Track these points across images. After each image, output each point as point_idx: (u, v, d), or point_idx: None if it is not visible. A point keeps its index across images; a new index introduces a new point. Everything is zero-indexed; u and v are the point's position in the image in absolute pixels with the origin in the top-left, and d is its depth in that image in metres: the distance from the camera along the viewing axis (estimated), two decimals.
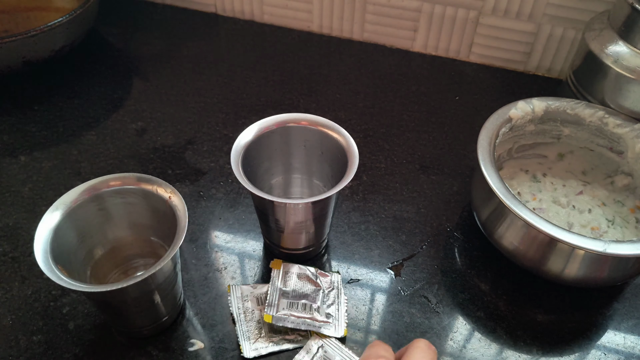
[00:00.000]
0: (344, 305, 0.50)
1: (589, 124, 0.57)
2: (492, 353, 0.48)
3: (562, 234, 0.44)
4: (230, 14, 0.86)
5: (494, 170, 0.49)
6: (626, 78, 0.57)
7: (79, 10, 0.68)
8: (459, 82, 0.76)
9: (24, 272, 0.52)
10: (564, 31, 0.72)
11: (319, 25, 0.83)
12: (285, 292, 0.49)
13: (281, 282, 0.50)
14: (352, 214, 0.58)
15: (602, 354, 0.48)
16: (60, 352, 0.46)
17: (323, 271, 0.52)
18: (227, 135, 0.66)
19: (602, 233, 0.54)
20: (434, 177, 0.63)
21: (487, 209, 0.51)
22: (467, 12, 0.74)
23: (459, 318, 0.50)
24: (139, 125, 0.68)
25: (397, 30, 0.80)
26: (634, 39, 0.57)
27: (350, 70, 0.77)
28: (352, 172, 0.46)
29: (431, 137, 0.68)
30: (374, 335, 0.48)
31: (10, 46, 0.64)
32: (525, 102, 0.56)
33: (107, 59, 0.78)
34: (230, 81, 0.75)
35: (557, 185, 0.59)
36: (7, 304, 0.49)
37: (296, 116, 0.52)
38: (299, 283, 0.49)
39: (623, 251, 0.44)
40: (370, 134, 0.68)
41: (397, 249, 0.55)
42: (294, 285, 0.49)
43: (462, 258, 0.55)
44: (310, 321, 0.47)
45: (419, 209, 0.59)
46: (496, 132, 0.53)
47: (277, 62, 0.78)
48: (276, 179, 0.55)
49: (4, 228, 0.55)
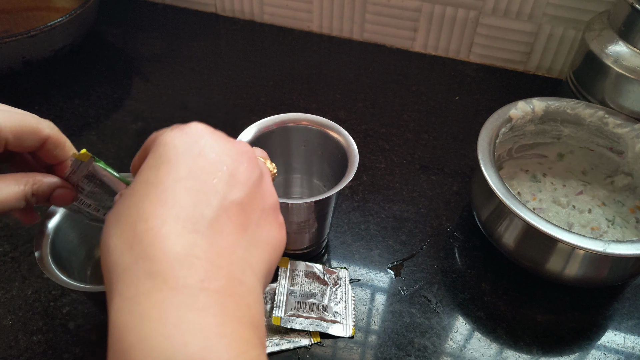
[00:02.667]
0: (351, 302, 0.50)
1: (589, 124, 0.57)
2: (492, 353, 0.48)
3: (562, 234, 0.44)
4: (230, 14, 0.86)
5: (494, 170, 0.49)
6: (626, 78, 0.57)
7: (79, 10, 0.68)
8: (459, 82, 0.76)
9: (24, 272, 0.52)
10: (564, 31, 0.72)
11: (319, 25, 0.83)
12: (292, 292, 0.49)
13: (288, 281, 0.50)
14: (352, 214, 0.58)
15: (602, 354, 0.48)
16: (60, 352, 0.46)
17: (330, 268, 0.52)
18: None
19: (602, 233, 0.54)
20: (434, 177, 0.63)
21: (487, 209, 0.51)
22: (467, 12, 0.74)
23: (459, 318, 0.50)
24: (139, 125, 0.68)
25: (397, 30, 0.80)
26: (634, 39, 0.57)
27: (350, 70, 0.77)
28: (352, 172, 0.46)
29: (431, 137, 0.68)
30: (374, 335, 0.48)
31: (10, 46, 0.64)
32: (525, 102, 0.56)
33: (107, 59, 0.78)
34: (230, 81, 0.75)
35: (557, 185, 0.59)
36: (7, 304, 0.49)
37: (296, 116, 0.52)
38: (306, 281, 0.50)
39: (623, 251, 0.44)
40: (370, 134, 0.68)
41: (397, 249, 0.55)
42: (302, 284, 0.49)
43: (462, 258, 0.55)
44: (318, 321, 0.47)
45: (419, 209, 0.59)
46: (496, 132, 0.53)
47: (277, 62, 0.78)
48: (276, 179, 0.55)
49: (4, 228, 0.55)
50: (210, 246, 0.24)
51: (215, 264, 0.24)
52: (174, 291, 0.22)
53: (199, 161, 0.26)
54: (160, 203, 0.24)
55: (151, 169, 0.25)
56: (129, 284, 0.22)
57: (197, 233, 0.24)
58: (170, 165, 0.25)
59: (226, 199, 0.25)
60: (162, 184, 0.25)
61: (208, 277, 0.23)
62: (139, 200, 0.24)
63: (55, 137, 0.32)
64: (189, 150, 0.26)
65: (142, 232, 0.23)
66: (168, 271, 0.22)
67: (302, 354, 0.47)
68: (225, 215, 0.25)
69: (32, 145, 0.31)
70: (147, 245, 0.23)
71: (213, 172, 0.26)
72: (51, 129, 0.32)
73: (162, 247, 0.23)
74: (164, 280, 0.22)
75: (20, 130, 0.30)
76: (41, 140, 0.31)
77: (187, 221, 0.24)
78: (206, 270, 0.23)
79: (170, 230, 0.23)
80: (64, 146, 0.33)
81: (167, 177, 0.25)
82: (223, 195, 0.25)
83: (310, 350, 0.47)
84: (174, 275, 0.22)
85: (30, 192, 0.31)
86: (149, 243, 0.23)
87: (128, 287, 0.22)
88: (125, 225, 0.24)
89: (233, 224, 0.25)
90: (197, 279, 0.22)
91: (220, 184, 0.26)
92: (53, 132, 0.32)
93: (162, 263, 0.22)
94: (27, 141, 0.31)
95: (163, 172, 0.25)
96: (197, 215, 0.24)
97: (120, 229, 0.24)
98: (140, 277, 0.22)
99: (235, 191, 0.26)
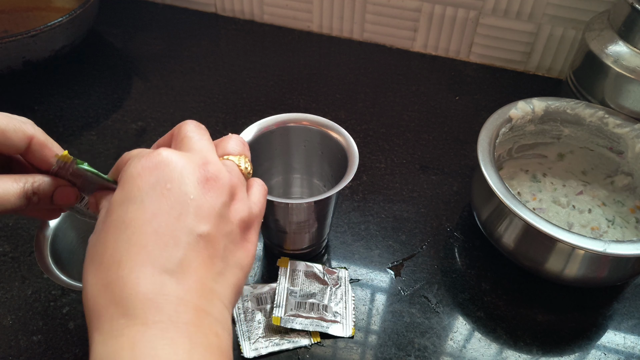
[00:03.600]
0: (351, 302, 0.50)
1: (589, 124, 0.57)
2: (492, 353, 0.48)
3: (562, 234, 0.44)
4: (230, 14, 0.86)
5: (494, 170, 0.49)
6: (626, 78, 0.57)
7: (79, 10, 0.68)
8: (459, 82, 0.76)
9: (24, 272, 0.52)
10: (564, 31, 0.72)
11: (319, 25, 0.83)
12: (292, 292, 0.49)
13: (288, 281, 0.50)
14: (352, 214, 0.58)
15: (602, 354, 0.48)
16: (60, 352, 0.46)
17: (330, 268, 0.52)
18: None
19: (602, 233, 0.54)
20: (434, 177, 0.63)
21: (487, 209, 0.51)
22: (467, 12, 0.74)
23: (459, 318, 0.50)
24: (139, 125, 0.68)
25: (397, 30, 0.80)
26: (634, 39, 0.57)
27: (350, 70, 0.77)
28: (352, 172, 0.46)
29: (431, 137, 0.68)
30: (374, 335, 0.48)
31: (10, 46, 0.64)
32: (525, 102, 0.56)
33: (107, 59, 0.78)
34: (230, 81, 0.75)
35: (557, 185, 0.59)
36: (7, 304, 0.49)
37: (296, 116, 0.52)
38: (306, 281, 0.50)
39: (623, 251, 0.44)
40: (370, 134, 0.68)
41: (397, 249, 0.55)
42: (302, 284, 0.49)
43: (462, 258, 0.55)
44: (318, 321, 0.47)
45: (419, 209, 0.59)
46: (496, 132, 0.53)
47: (277, 62, 0.78)
48: (276, 179, 0.55)
49: (4, 228, 0.55)
50: (179, 284, 0.26)
51: (183, 300, 0.26)
52: (145, 326, 0.24)
53: (166, 199, 0.27)
54: (129, 248, 0.26)
55: (121, 207, 0.27)
56: (105, 321, 0.25)
57: (165, 274, 0.26)
58: (137, 206, 0.27)
59: (193, 234, 0.27)
60: (131, 226, 0.26)
61: (177, 313, 0.25)
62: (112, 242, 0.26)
63: (40, 137, 0.32)
64: (155, 188, 0.27)
65: (114, 278, 0.25)
66: (139, 311, 0.25)
67: (302, 354, 0.47)
68: (193, 251, 0.27)
69: (18, 144, 0.31)
70: (119, 289, 0.25)
71: (179, 207, 0.27)
72: (35, 129, 0.32)
73: (132, 291, 0.25)
74: (135, 318, 0.24)
75: (4, 128, 0.30)
76: (26, 139, 0.31)
77: (156, 264, 0.26)
78: (175, 306, 0.25)
79: (140, 275, 0.25)
80: (51, 147, 0.32)
81: (135, 219, 0.26)
82: (190, 230, 0.27)
83: (310, 350, 0.47)
84: (144, 315, 0.25)
85: (31, 191, 0.31)
86: (120, 288, 0.25)
87: (104, 324, 0.25)
88: (100, 266, 0.26)
89: (201, 257, 0.27)
90: (167, 316, 0.25)
91: (188, 219, 0.27)
92: (37, 132, 0.32)
93: (134, 304, 0.25)
94: (13, 140, 0.31)
95: (131, 213, 0.27)
96: (166, 257, 0.26)
97: (95, 268, 0.26)
98: (114, 316, 0.25)
99: (201, 225, 0.27)
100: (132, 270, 0.25)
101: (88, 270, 0.27)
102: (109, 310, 0.25)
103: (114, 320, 0.24)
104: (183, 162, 0.28)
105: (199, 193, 0.28)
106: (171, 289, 0.25)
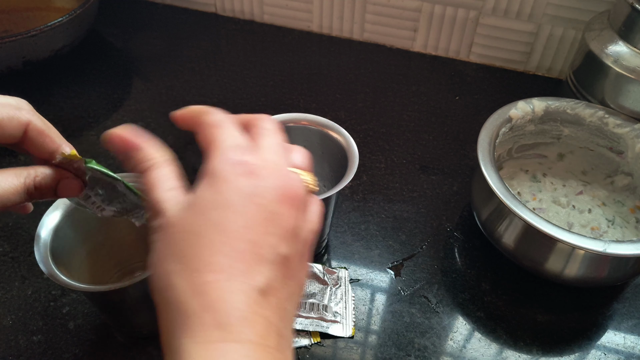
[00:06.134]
0: (351, 302, 0.50)
1: (589, 124, 0.57)
2: (492, 353, 0.48)
3: (562, 234, 0.44)
4: (230, 14, 0.86)
5: (494, 170, 0.49)
6: (626, 78, 0.57)
7: (79, 10, 0.68)
8: (459, 82, 0.76)
9: (24, 272, 0.52)
10: (564, 31, 0.72)
11: (319, 25, 0.83)
12: None
13: None
14: (352, 214, 0.58)
15: (602, 354, 0.48)
16: (60, 352, 0.46)
17: (330, 268, 0.52)
18: None
19: (602, 233, 0.54)
20: (434, 177, 0.63)
21: (487, 209, 0.51)
22: (467, 12, 0.74)
23: (459, 318, 0.50)
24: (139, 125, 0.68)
25: (397, 30, 0.80)
26: (634, 39, 0.57)
27: (350, 70, 0.77)
28: (352, 172, 0.46)
29: (431, 137, 0.68)
30: (374, 335, 0.48)
31: (10, 46, 0.64)
32: (525, 102, 0.56)
33: (107, 59, 0.78)
34: (230, 81, 0.75)
35: (557, 185, 0.59)
36: (7, 304, 0.49)
37: (296, 116, 0.52)
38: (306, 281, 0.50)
39: (623, 251, 0.44)
40: (370, 134, 0.68)
41: (397, 249, 0.55)
42: None
43: (462, 258, 0.55)
44: (318, 321, 0.47)
45: (419, 209, 0.59)
46: (496, 132, 0.53)
47: (277, 62, 0.78)
48: None
49: (4, 228, 0.55)
50: (267, 304, 0.25)
51: (270, 321, 0.25)
52: (238, 344, 0.24)
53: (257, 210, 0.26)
54: (224, 254, 0.25)
55: (216, 210, 0.26)
56: (199, 330, 0.24)
57: (254, 290, 0.25)
58: (232, 211, 0.26)
59: (277, 254, 0.26)
60: (226, 231, 0.25)
61: (267, 334, 0.25)
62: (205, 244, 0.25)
63: (37, 123, 0.30)
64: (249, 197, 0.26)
65: (208, 283, 0.25)
66: (234, 326, 0.24)
67: (302, 354, 0.47)
68: (276, 270, 0.26)
69: (12, 132, 0.29)
70: (214, 298, 0.24)
71: (267, 222, 0.26)
72: (32, 115, 0.30)
73: (228, 303, 0.24)
74: (230, 333, 0.24)
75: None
76: (21, 126, 0.29)
77: (248, 277, 0.25)
78: (265, 327, 0.25)
79: (235, 286, 0.25)
80: (49, 134, 0.31)
81: (230, 225, 0.25)
82: (275, 248, 0.26)
83: (310, 350, 0.47)
84: (238, 331, 0.24)
85: (32, 185, 0.30)
86: (216, 297, 0.24)
87: (197, 331, 0.24)
88: (189, 268, 0.25)
89: (281, 278, 0.27)
90: (259, 337, 0.24)
91: (274, 237, 0.26)
92: (34, 117, 0.30)
93: (229, 318, 0.24)
94: (8, 126, 0.29)
95: (226, 218, 0.26)
96: (256, 272, 0.25)
97: (183, 269, 0.25)
98: (209, 326, 0.24)
99: (282, 244, 0.27)
100: (229, 278, 0.25)
101: (170, 268, 0.25)
102: (202, 317, 0.24)
103: (207, 329, 0.24)
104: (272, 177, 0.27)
105: (282, 210, 0.27)
106: (261, 309, 0.25)
